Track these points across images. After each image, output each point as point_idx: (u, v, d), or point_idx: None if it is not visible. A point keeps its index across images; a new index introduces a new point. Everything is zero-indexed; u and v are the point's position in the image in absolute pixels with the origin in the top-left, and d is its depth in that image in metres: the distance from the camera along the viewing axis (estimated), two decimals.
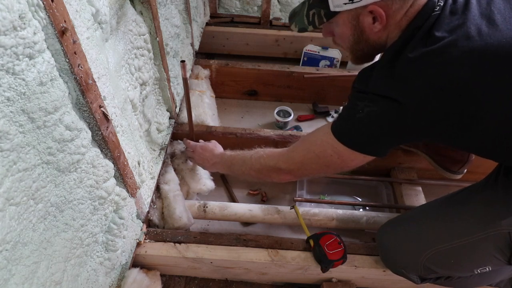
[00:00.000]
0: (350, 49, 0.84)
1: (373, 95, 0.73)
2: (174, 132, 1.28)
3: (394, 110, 0.71)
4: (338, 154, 0.79)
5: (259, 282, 1.09)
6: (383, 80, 0.73)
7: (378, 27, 0.75)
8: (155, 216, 1.09)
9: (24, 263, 0.52)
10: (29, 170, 0.50)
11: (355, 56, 0.86)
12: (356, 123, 0.76)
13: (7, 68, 0.43)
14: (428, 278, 0.90)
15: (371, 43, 0.79)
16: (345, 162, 0.81)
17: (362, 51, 0.83)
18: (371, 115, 0.73)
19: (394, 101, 0.70)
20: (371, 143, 0.78)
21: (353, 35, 0.79)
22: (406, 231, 0.91)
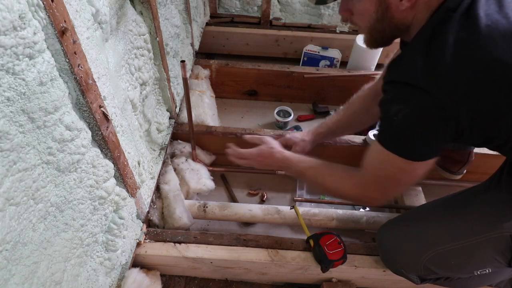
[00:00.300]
0: (369, 29, 0.77)
1: (403, 86, 0.68)
2: (174, 132, 1.28)
3: (430, 104, 0.65)
4: (399, 169, 0.74)
5: (259, 282, 1.09)
6: (416, 68, 0.67)
7: (406, 4, 0.68)
8: (155, 216, 1.09)
9: (24, 263, 0.52)
10: (29, 170, 0.50)
11: (373, 38, 0.79)
12: (396, 131, 0.72)
13: (7, 68, 0.43)
14: (428, 278, 0.90)
15: (395, 23, 0.73)
16: (410, 174, 0.75)
17: (383, 32, 0.76)
18: (408, 118, 0.68)
19: (426, 94, 0.65)
20: (420, 147, 0.72)
21: (377, 12, 0.72)
22: (406, 232, 0.91)
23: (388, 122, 0.73)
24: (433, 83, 0.64)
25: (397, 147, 0.72)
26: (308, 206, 1.26)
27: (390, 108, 0.71)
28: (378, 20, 0.73)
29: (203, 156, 1.34)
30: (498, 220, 0.77)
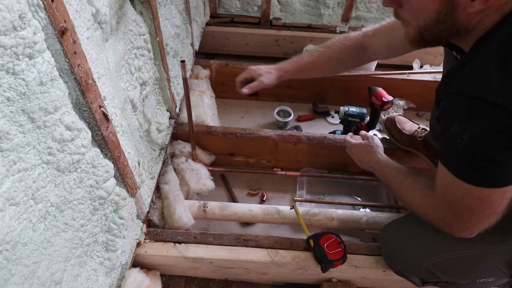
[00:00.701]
0: (421, 29, 0.65)
1: (469, 100, 0.61)
2: (174, 132, 1.28)
3: (507, 123, 0.57)
4: (469, 194, 0.66)
5: (259, 282, 1.09)
6: (489, 80, 0.59)
7: (478, 7, 0.58)
8: (155, 216, 1.09)
9: (24, 263, 0.52)
10: (29, 170, 0.50)
11: (422, 38, 0.67)
12: (462, 155, 0.64)
13: (7, 68, 0.43)
14: (429, 281, 0.90)
15: (457, 26, 0.62)
16: (486, 202, 0.66)
17: (439, 33, 0.64)
18: (477, 141, 0.60)
19: (503, 110, 0.56)
20: (493, 173, 0.63)
21: (439, 12, 0.61)
22: (413, 234, 0.88)
23: (450, 143, 0.65)
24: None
25: (464, 172, 0.65)
26: (308, 206, 1.26)
27: (451, 127, 0.63)
28: (438, 21, 0.62)
29: (203, 156, 1.34)
30: (508, 232, 0.76)
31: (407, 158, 1.32)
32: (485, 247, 0.78)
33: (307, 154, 1.36)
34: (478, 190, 0.64)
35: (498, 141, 0.59)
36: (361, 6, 1.86)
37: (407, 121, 1.29)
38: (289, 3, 1.87)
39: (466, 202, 0.67)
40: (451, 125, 0.64)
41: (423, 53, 1.81)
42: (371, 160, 1.03)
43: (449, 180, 0.67)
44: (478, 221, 0.69)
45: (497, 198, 0.65)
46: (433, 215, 0.77)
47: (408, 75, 1.62)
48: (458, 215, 0.71)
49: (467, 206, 0.68)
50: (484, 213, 0.67)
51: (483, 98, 0.59)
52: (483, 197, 0.65)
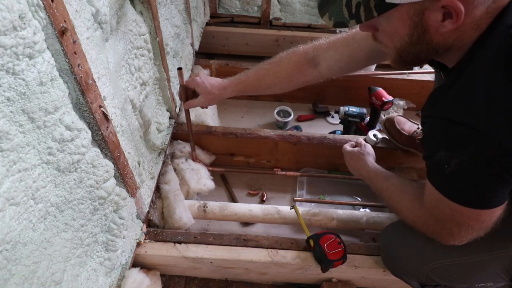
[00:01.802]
0: (398, 50, 0.65)
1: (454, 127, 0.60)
2: (174, 132, 1.28)
3: (496, 153, 0.56)
4: (457, 212, 0.66)
5: (259, 282, 1.09)
6: (475, 105, 0.57)
7: (449, 27, 0.57)
8: (155, 216, 1.09)
9: (24, 263, 0.52)
10: (29, 170, 0.50)
11: (402, 59, 0.67)
12: (450, 179, 0.64)
13: (7, 68, 0.43)
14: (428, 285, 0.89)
15: (433, 46, 0.62)
16: (475, 219, 0.66)
17: (417, 55, 0.65)
18: (464, 168, 0.60)
19: (491, 139, 0.56)
20: (482, 196, 0.62)
21: (410, 35, 0.61)
22: (411, 239, 0.87)
23: (437, 167, 0.65)
24: (502, 127, 0.55)
25: (453, 193, 0.65)
26: (308, 206, 1.26)
27: (436, 153, 0.63)
28: (412, 44, 0.62)
29: (203, 156, 1.34)
30: (507, 240, 0.76)
31: (407, 158, 1.32)
32: (483, 254, 0.77)
33: (307, 154, 1.36)
34: (467, 210, 0.64)
35: (487, 168, 0.58)
36: None
37: (406, 121, 1.29)
38: (289, 3, 1.87)
39: (455, 218, 0.68)
40: (436, 151, 0.64)
41: None
42: (361, 168, 1.03)
43: (437, 197, 0.67)
44: (467, 234, 0.69)
45: (486, 217, 0.65)
46: (423, 227, 0.78)
47: (408, 75, 1.62)
48: (448, 228, 0.71)
49: (456, 222, 0.68)
50: (473, 228, 0.68)
51: (470, 124, 0.58)
52: (472, 216, 0.65)
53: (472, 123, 0.57)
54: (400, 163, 1.35)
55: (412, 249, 0.87)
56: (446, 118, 0.62)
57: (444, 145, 0.62)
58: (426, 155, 0.69)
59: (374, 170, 0.99)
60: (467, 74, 0.60)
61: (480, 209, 0.63)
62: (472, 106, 0.58)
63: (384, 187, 0.92)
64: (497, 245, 0.77)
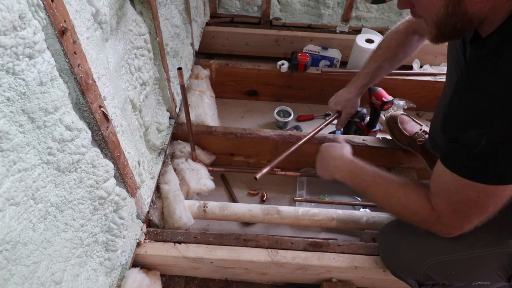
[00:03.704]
0: (436, 24, 0.67)
1: (488, 100, 0.59)
2: (174, 132, 1.28)
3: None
4: (483, 193, 0.65)
5: (259, 282, 1.09)
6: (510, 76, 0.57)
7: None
8: (155, 216, 1.09)
9: (24, 263, 0.52)
10: (29, 170, 0.50)
11: (441, 33, 0.69)
12: (479, 159, 0.62)
13: (7, 68, 0.43)
14: (425, 284, 0.90)
15: (468, 17, 0.63)
16: (498, 197, 0.65)
17: (454, 26, 0.66)
18: (497, 144, 0.59)
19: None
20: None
21: (446, 6, 0.63)
22: (409, 237, 0.89)
23: (463, 151, 0.64)
24: None
25: (481, 175, 0.63)
26: (308, 206, 1.26)
27: (464, 136, 0.62)
28: (448, 16, 0.64)
29: (203, 156, 1.34)
30: (504, 236, 0.76)
31: (407, 158, 1.32)
32: (480, 249, 0.78)
33: (307, 154, 1.35)
34: (496, 189, 0.63)
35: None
36: (361, 6, 1.86)
37: (409, 121, 1.28)
38: (289, 3, 1.87)
39: (481, 201, 0.66)
40: (465, 131, 0.62)
41: (423, 53, 1.81)
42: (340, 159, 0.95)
43: (461, 184, 0.66)
44: (484, 218, 0.69)
45: (510, 193, 0.64)
46: (437, 226, 0.75)
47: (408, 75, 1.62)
48: (468, 215, 0.70)
49: (482, 205, 0.67)
50: (495, 209, 0.67)
51: (503, 97, 0.57)
52: (499, 194, 0.64)
53: (505, 95, 0.57)
54: (400, 163, 1.35)
55: (409, 246, 0.88)
56: (478, 90, 0.61)
57: (474, 122, 0.61)
58: (452, 137, 0.66)
59: (357, 162, 0.92)
60: (502, 45, 0.60)
61: (503, 185, 0.62)
62: (506, 77, 0.58)
63: (371, 180, 0.86)
64: (493, 241, 0.77)
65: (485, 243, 0.77)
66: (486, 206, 0.67)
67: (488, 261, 0.78)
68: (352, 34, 1.85)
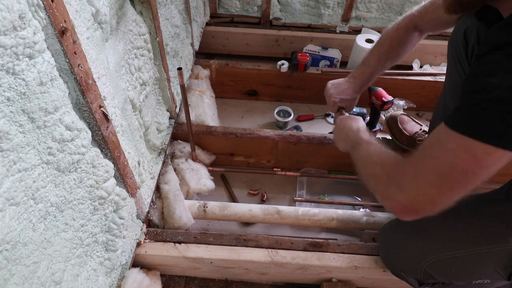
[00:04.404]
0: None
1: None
2: (174, 132, 1.28)
3: None
4: (476, 156, 0.55)
5: (259, 282, 1.09)
6: None
7: None
8: (155, 216, 1.09)
9: (24, 263, 0.52)
10: (29, 170, 0.50)
11: (458, 1, 0.64)
12: (488, 109, 0.53)
13: (7, 68, 0.43)
14: (426, 282, 0.90)
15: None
16: (490, 167, 0.55)
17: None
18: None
19: None
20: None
21: None
22: (409, 235, 0.89)
23: (475, 102, 0.56)
24: None
25: (485, 131, 0.54)
26: (308, 206, 1.26)
27: (485, 81, 0.54)
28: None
29: (203, 156, 1.34)
30: (504, 234, 0.76)
31: None
32: (480, 247, 0.78)
33: (307, 154, 1.36)
34: (495, 152, 0.54)
35: None
36: (361, 6, 1.86)
37: (409, 121, 1.28)
38: (289, 3, 1.87)
39: (470, 168, 0.56)
40: (488, 79, 0.54)
41: (423, 53, 1.82)
42: (355, 127, 0.91)
43: (455, 143, 0.56)
44: (464, 193, 0.59)
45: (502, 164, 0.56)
46: (409, 191, 0.62)
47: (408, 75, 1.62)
48: (450, 186, 0.59)
49: (471, 173, 0.57)
50: (479, 181, 0.58)
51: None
52: (493, 161, 0.55)
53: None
54: None
55: (409, 245, 0.88)
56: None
57: (503, 67, 0.53)
58: (467, 92, 0.58)
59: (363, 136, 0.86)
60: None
61: (502, 149, 0.53)
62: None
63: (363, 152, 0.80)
64: (494, 238, 0.77)
65: (485, 241, 0.77)
66: (474, 175, 0.56)
67: (488, 259, 0.78)
68: (352, 34, 1.85)
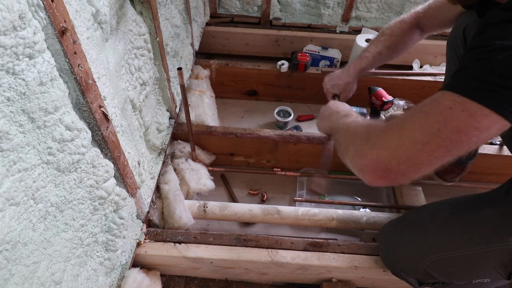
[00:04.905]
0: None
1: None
2: (174, 132, 1.28)
3: None
4: (468, 116, 0.51)
5: (259, 282, 1.09)
6: None
7: None
8: (155, 216, 1.09)
9: (24, 263, 0.52)
10: (29, 170, 0.50)
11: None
12: (494, 69, 0.50)
13: (7, 68, 0.43)
14: (426, 282, 0.90)
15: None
16: (478, 129, 0.51)
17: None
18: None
19: None
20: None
21: None
22: (409, 235, 0.89)
23: (476, 65, 0.53)
24: None
25: (484, 92, 0.51)
26: (308, 206, 1.26)
27: (494, 42, 0.51)
28: None
29: (203, 156, 1.34)
30: (504, 233, 0.76)
31: None
32: (479, 246, 0.78)
33: (307, 154, 1.36)
34: (488, 115, 0.50)
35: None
36: (361, 6, 1.86)
37: None
38: (289, 3, 1.87)
39: (461, 127, 0.52)
40: (495, 39, 0.51)
41: (423, 53, 1.82)
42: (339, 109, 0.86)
43: (455, 101, 0.52)
44: (445, 161, 0.56)
45: (490, 134, 0.53)
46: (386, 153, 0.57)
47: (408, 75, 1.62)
48: (433, 149, 0.54)
49: (462, 134, 0.53)
50: (466, 149, 0.54)
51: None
52: (486, 126, 0.51)
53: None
54: None
55: (409, 244, 0.88)
56: None
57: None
58: (473, 45, 0.55)
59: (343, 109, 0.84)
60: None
61: (497, 113, 0.50)
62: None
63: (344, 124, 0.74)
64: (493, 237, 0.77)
65: (485, 240, 0.77)
66: (466, 136, 0.52)
67: (488, 258, 0.78)
68: (352, 34, 1.85)
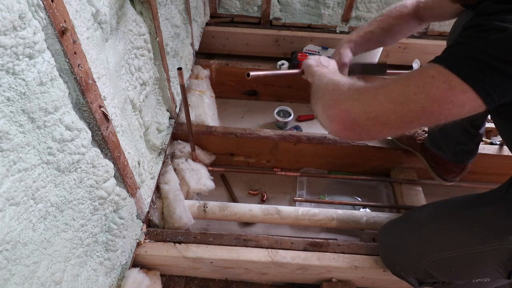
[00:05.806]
0: None
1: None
2: (174, 132, 1.28)
3: None
4: (447, 87, 0.54)
5: (259, 282, 1.09)
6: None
7: None
8: (155, 216, 1.09)
9: (24, 263, 0.52)
10: (29, 170, 0.50)
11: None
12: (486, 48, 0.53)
13: (7, 68, 0.43)
14: (426, 282, 0.90)
15: None
16: (453, 103, 0.55)
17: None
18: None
19: None
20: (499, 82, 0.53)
21: None
22: (409, 234, 0.90)
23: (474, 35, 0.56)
24: None
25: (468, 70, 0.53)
26: (308, 206, 1.26)
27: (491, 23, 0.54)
28: None
29: (203, 156, 1.34)
30: (503, 232, 0.76)
31: (407, 158, 1.32)
32: (479, 246, 0.78)
33: (307, 154, 1.36)
34: (465, 90, 0.53)
35: None
36: (361, 6, 1.86)
37: None
38: (289, 3, 1.87)
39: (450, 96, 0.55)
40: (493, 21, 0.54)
41: (423, 53, 1.82)
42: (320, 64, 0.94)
43: (439, 72, 0.55)
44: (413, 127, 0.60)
45: (465, 110, 0.56)
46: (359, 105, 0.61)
47: None
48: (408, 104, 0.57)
49: (440, 101, 0.55)
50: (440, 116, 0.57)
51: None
52: (461, 102, 0.54)
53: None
54: (400, 163, 1.35)
55: (409, 245, 0.88)
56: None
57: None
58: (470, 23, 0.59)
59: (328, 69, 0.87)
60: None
61: (474, 90, 0.53)
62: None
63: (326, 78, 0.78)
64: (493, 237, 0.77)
65: (484, 240, 0.78)
66: (439, 107, 0.55)
67: (488, 257, 0.78)
68: None
